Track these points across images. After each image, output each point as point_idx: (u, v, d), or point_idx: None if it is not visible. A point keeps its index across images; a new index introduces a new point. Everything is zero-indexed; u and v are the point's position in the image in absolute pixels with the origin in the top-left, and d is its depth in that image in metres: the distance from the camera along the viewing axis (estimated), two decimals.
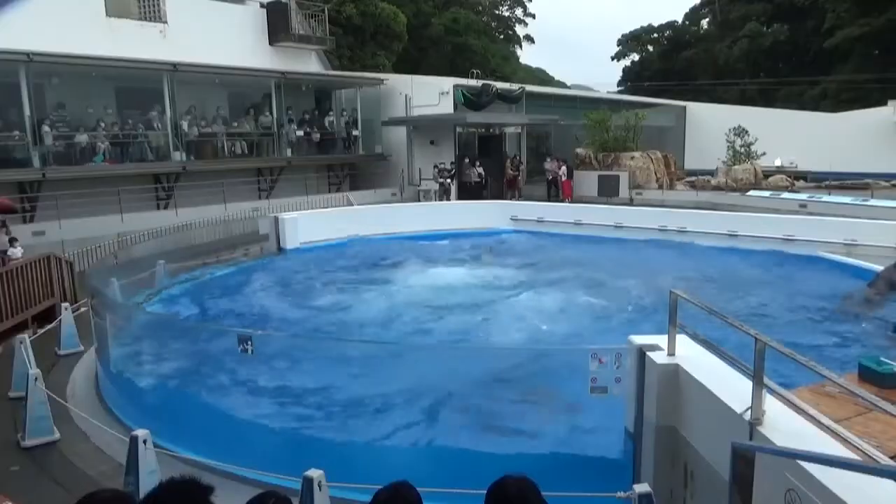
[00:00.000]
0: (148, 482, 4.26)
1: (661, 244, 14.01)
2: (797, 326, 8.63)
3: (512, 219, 16.66)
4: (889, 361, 4.81)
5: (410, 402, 5.82)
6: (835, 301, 9.66)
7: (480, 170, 22.44)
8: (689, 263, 12.51)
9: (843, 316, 8.90)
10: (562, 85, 53.40)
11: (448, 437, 5.38)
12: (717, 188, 23.39)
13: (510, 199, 20.67)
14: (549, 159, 23.95)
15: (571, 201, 21.52)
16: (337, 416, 5.90)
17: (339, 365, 6.22)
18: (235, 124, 20.07)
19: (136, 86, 17.85)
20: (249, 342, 5.30)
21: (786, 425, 3.24)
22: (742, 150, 26.04)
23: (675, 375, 4.11)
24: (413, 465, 4.96)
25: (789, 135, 28.59)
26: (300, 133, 21.16)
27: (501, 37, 54.39)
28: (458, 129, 22.91)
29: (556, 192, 23.14)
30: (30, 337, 7.11)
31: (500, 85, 24.99)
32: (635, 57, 58.43)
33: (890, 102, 28.28)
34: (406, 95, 23.34)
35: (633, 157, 24.01)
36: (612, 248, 14.13)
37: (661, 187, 23.81)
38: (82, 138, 16.09)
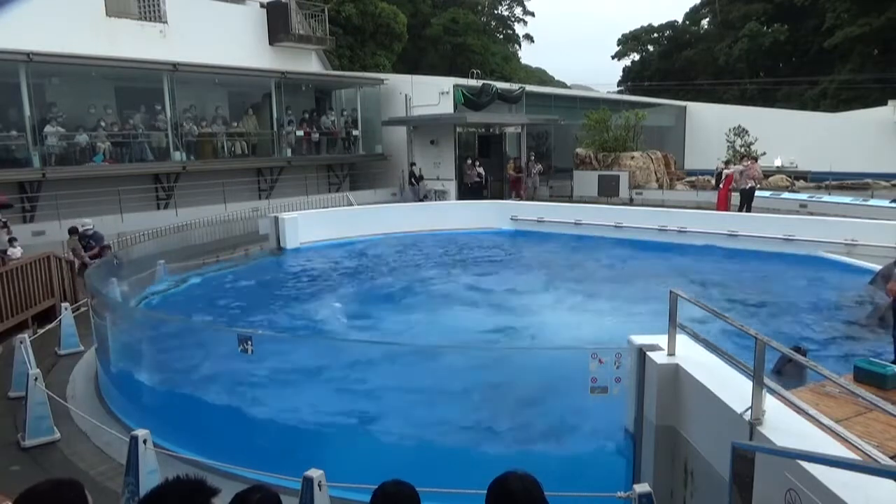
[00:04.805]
0: (148, 482, 4.25)
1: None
2: (797, 326, 8.64)
3: (512, 219, 16.66)
4: (881, 362, 4.82)
5: (409, 402, 5.82)
6: (835, 301, 9.67)
7: (480, 170, 22.45)
8: (685, 264, 12.55)
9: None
10: (562, 85, 53.38)
11: (449, 437, 5.38)
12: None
13: (515, 200, 20.61)
14: (511, 161, 23.98)
15: (517, 198, 21.44)
16: (337, 416, 5.90)
17: (340, 364, 6.22)
18: (235, 124, 20.06)
19: (136, 86, 17.84)
20: (249, 342, 5.31)
21: (786, 425, 3.24)
22: (742, 150, 26.03)
23: (674, 375, 4.11)
24: (413, 466, 4.96)
25: (789, 135, 28.59)
26: (300, 133, 21.16)
27: (501, 36, 54.39)
28: (458, 129, 22.90)
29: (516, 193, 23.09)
30: (30, 337, 7.11)
31: (500, 85, 24.96)
32: (635, 57, 58.45)
33: (890, 102, 28.28)
34: (406, 95, 23.34)
35: (633, 157, 24.00)
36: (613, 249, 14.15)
37: (661, 187, 23.81)
38: (82, 138, 16.09)
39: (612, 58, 58.87)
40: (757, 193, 17.74)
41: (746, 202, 17.25)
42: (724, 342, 4.48)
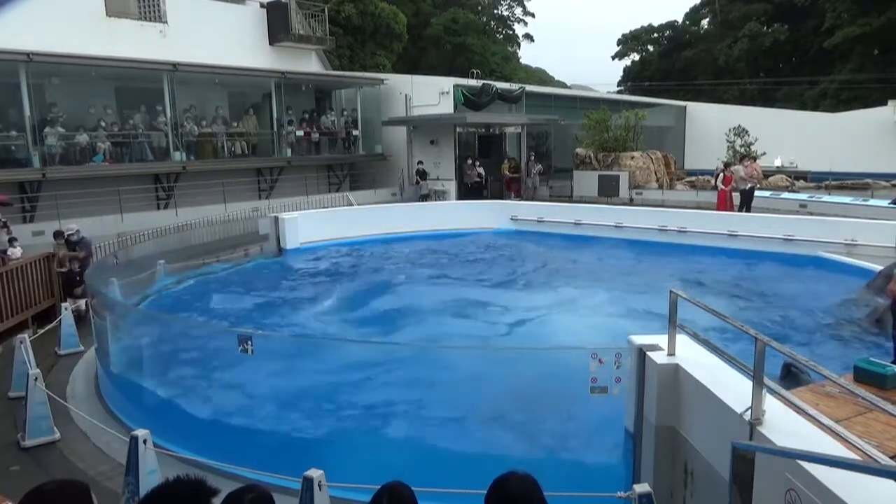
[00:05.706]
0: (148, 482, 4.25)
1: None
2: (798, 326, 8.64)
3: (512, 219, 16.67)
4: (881, 362, 4.82)
5: (409, 402, 5.82)
6: (834, 301, 9.67)
7: (481, 170, 22.45)
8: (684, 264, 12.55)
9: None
10: (562, 85, 53.38)
11: (449, 437, 5.38)
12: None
13: (513, 200, 20.65)
14: (506, 160, 24.05)
15: (517, 198, 21.57)
16: (338, 416, 5.90)
17: (339, 364, 6.22)
18: (235, 124, 20.06)
19: (136, 86, 17.84)
20: (249, 342, 5.30)
21: (786, 425, 3.24)
22: (742, 149, 26.02)
23: (675, 375, 4.11)
24: (413, 466, 4.96)
25: (789, 135, 28.58)
26: (300, 133, 21.17)
27: (501, 36, 54.38)
28: (458, 129, 22.90)
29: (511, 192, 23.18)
30: (30, 337, 7.11)
31: (500, 85, 24.95)
32: (635, 57, 58.45)
33: (890, 102, 28.27)
34: (406, 95, 23.33)
35: (633, 157, 23.99)
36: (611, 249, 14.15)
37: (661, 187, 23.80)
38: (82, 138, 16.09)
39: (612, 58, 58.95)
40: (757, 193, 17.72)
41: (746, 202, 17.24)
42: (722, 342, 4.47)
